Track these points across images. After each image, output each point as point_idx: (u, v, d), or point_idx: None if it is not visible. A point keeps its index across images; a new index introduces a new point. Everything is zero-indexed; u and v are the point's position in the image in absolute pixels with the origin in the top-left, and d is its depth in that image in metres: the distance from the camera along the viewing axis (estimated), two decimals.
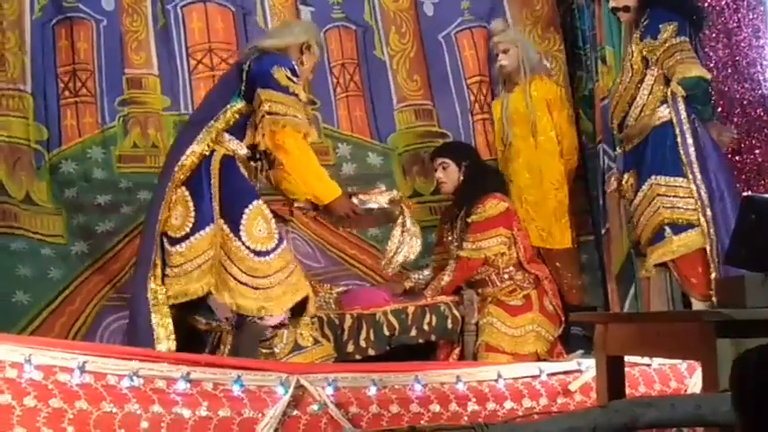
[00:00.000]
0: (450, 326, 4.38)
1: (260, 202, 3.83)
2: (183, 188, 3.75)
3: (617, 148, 4.64)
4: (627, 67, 4.37)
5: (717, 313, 2.50)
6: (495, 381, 3.46)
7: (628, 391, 3.21)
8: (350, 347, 4.13)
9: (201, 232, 3.69)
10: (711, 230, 4.02)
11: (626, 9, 4.40)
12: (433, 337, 4.36)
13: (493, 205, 4.52)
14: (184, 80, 5.21)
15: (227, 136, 3.84)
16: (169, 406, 3.02)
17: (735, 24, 4.94)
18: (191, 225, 3.70)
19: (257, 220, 3.75)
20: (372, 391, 3.26)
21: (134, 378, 3.01)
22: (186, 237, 3.70)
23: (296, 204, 4.29)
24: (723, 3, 4.92)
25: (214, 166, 3.77)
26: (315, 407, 3.16)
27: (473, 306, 4.49)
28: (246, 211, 3.74)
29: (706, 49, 4.89)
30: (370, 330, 4.19)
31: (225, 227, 3.72)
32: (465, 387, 3.39)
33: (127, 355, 3.13)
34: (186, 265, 3.69)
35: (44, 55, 4.97)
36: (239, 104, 3.85)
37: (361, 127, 5.53)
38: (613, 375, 3.02)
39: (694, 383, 3.58)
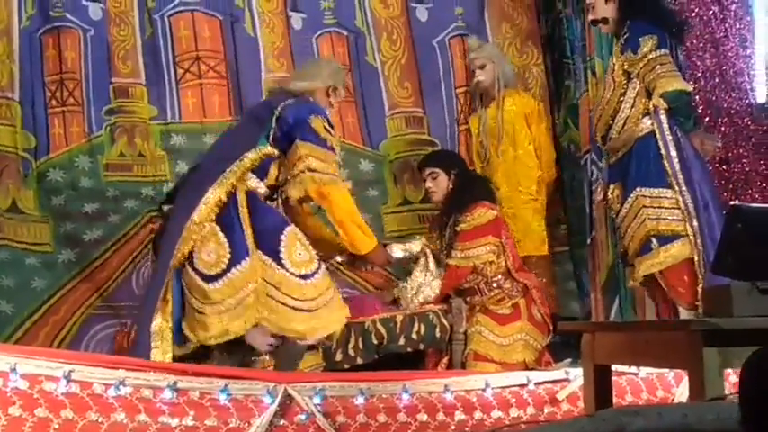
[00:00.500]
0: (438, 335, 4.37)
1: (292, 226, 3.84)
2: (212, 224, 3.70)
3: (602, 160, 4.66)
4: (609, 80, 4.39)
5: (704, 322, 2.50)
6: (483, 390, 3.45)
7: (615, 399, 3.20)
8: (338, 356, 4.12)
9: (239, 266, 3.65)
10: (698, 240, 4.03)
11: (604, 21, 4.44)
12: (421, 346, 4.35)
13: (481, 213, 4.52)
14: (172, 89, 5.20)
15: (249, 174, 3.82)
16: (155, 415, 3.01)
17: (722, 34, 4.98)
18: (226, 261, 3.65)
19: (295, 245, 3.75)
20: (360, 400, 3.25)
21: (120, 387, 3.00)
22: (223, 273, 3.64)
23: (337, 258, 4.38)
24: (710, 13, 4.95)
25: (241, 200, 3.75)
26: (302, 416, 3.15)
27: (461, 315, 4.48)
28: (282, 238, 3.74)
29: (693, 59, 4.93)
30: (359, 339, 4.18)
31: (265, 258, 3.69)
32: (452, 396, 3.39)
33: (113, 364, 3.11)
34: (227, 302, 3.63)
35: (32, 64, 4.96)
36: (267, 149, 3.84)
37: (353, 133, 5.53)
38: (600, 384, 3.02)
39: (681, 392, 3.58)
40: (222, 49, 5.31)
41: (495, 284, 4.54)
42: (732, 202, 4.25)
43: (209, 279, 3.64)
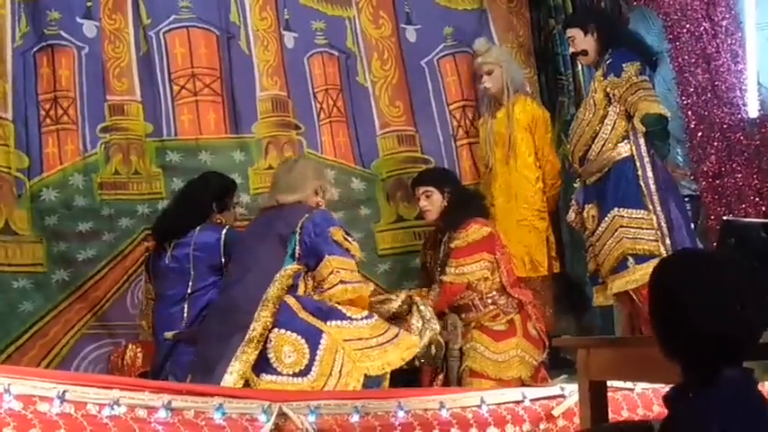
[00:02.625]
0: (433, 351, 4.36)
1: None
2: (275, 331, 3.73)
3: (576, 181, 4.73)
4: (590, 103, 4.54)
5: None
6: (479, 406, 3.44)
7: (611, 415, 3.20)
8: None
9: (321, 346, 3.71)
10: None
11: (584, 53, 4.64)
12: (416, 363, 4.34)
13: (475, 230, 4.53)
14: (167, 106, 5.19)
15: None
16: None
17: (713, 50, 5.00)
18: (307, 350, 3.70)
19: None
20: (355, 418, 3.23)
21: (115, 407, 2.97)
22: (311, 361, 3.69)
23: None
24: (701, 29, 4.98)
25: (291, 302, 3.80)
26: None
27: (457, 331, 4.48)
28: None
29: (685, 75, 4.96)
30: None
31: (336, 323, 3.78)
32: (448, 413, 3.37)
33: (107, 384, 3.10)
34: (330, 382, 3.69)
35: (25, 82, 4.93)
36: (294, 266, 3.90)
37: (344, 152, 5.54)
38: (596, 400, 3.02)
39: None
40: (218, 66, 5.32)
41: (489, 301, 4.55)
42: (725, 217, 4.29)
43: (303, 374, 3.69)
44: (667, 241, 4.23)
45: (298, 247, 3.91)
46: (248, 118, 5.28)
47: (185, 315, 4.25)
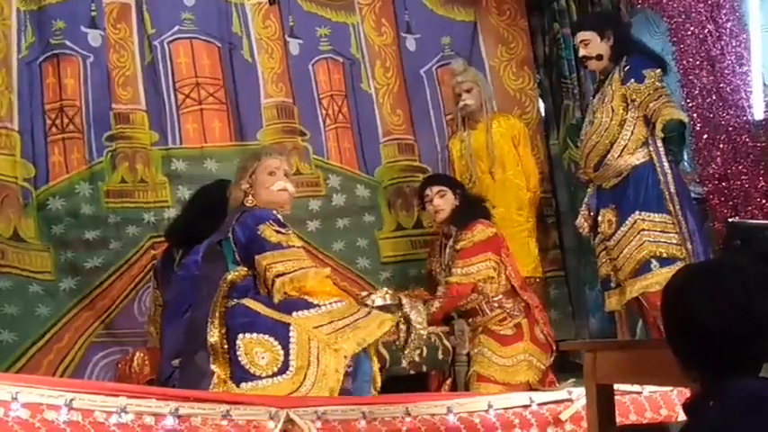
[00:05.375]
0: (441, 357, 4.38)
1: None
2: (240, 336, 3.62)
3: (589, 187, 4.70)
4: (607, 109, 4.50)
5: None
6: (486, 411, 3.43)
7: (618, 419, 3.19)
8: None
9: (292, 339, 3.62)
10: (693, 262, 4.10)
11: (599, 57, 4.60)
12: (424, 369, 4.35)
13: (481, 230, 4.55)
14: (172, 115, 5.22)
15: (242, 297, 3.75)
16: None
17: (718, 52, 4.98)
18: (279, 347, 3.60)
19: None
20: (362, 423, 3.22)
21: (122, 414, 2.97)
22: (287, 357, 3.59)
23: None
24: (706, 31, 4.96)
25: (250, 305, 3.69)
26: None
27: (464, 336, 4.48)
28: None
29: (690, 77, 4.95)
30: None
31: (302, 313, 3.66)
32: (456, 419, 3.37)
33: (115, 392, 3.10)
34: (309, 372, 3.59)
35: (31, 92, 4.98)
36: (238, 271, 3.78)
37: (349, 159, 5.57)
38: (603, 404, 3.00)
39: None
40: (221, 76, 5.35)
41: (496, 304, 4.55)
42: (730, 219, 4.29)
43: (280, 373, 3.60)
44: (689, 245, 4.25)
45: (236, 253, 3.79)
46: (253, 125, 5.30)
47: None
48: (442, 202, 4.76)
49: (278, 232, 3.77)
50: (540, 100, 5.90)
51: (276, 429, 3.08)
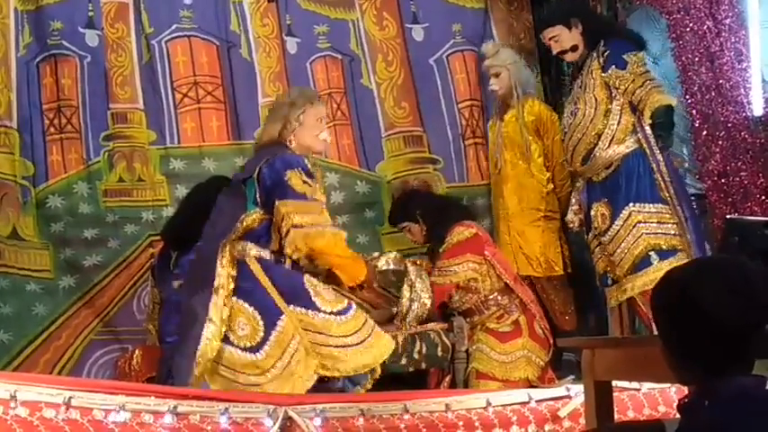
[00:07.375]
0: (440, 354, 4.36)
1: (306, 275, 3.79)
2: (234, 299, 3.63)
3: (577, 181, 4.65)
4: (589, 99, 4.41)
5: None
6: (485, 408, 3.44)
7: (617, 415, 3.19)
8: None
9: (277, 327, 3.60)
10: (693, 252, 4.04)
11: (574, 48, 4.53)
12: (423, 366, 4.34)
13: (459, 232, 4.54)
14: (170, 114, 5.22)
15: (249, 245, 3.73)
16: None
17: (717, 48, 4.97)
18: (262, 327, 3.60)
19: (318, 287, 3.73)
20: (360, 421, 3.23)
21: (121, 412, 2.99)
22: (264, 340, 3.58)
23: None
24: (705, 27, 4.95)
25: (255, 269, 3.69)
26: None
27: (463, 333, 4.47)
28: (306, 285, 3.70)
29: (689, 73, 4.93)
30: None
31: (299, 310, 3.64)
32: (454, 416, 3.37)
33: (113, 390, 3.11)
34: (278, 365, 3.58)
35: (29, 92, 4.99)
36: (256, 213, 3.75)
37: (349, 155, 5.55)
38: (602, 400, 3.00)
39: None
40: (219, 74, 5.35)
41: (491, 302, 4.55)
42: (728, 215, 4.27)
43: (253, 350, 3.59)
44: (688, 235, 4.13)
45: (258, 193, 3.75)
46: (251, 124, 5.28)
47: None
48: (411, 234, 4.82)
49: (305, 182, 3.73)
50: None
51: (275, 427, 3.09)
